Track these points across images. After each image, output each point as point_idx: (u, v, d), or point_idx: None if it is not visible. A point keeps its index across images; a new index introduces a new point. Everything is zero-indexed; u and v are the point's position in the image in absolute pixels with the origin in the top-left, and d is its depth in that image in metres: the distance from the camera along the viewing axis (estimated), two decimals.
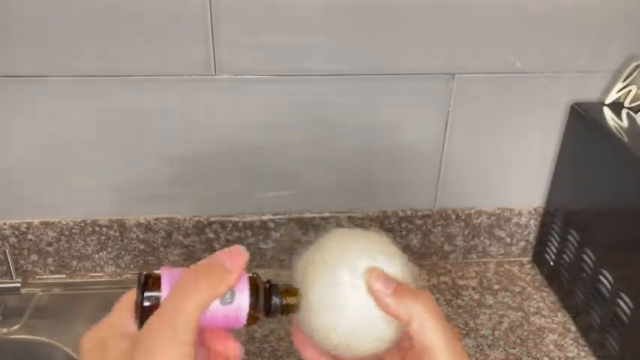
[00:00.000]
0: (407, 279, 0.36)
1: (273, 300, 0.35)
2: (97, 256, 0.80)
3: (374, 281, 0.33)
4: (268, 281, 0.36)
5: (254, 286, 0.34)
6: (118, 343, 0.31)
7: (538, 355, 0.70)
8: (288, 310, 0.35)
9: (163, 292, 0.32)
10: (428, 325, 0.32)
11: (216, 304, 0.32)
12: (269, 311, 0.35)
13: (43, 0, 0.64)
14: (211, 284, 0.31)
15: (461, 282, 0.82)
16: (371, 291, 0.33)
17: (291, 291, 0.35)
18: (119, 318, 0.33)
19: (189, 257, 0.81)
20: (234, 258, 0.33)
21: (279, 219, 0.80)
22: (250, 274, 0.34)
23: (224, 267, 0.32)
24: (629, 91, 0.72)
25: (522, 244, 0.86)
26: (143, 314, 0.31)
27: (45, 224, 0.77)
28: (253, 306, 0.33)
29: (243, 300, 0.33)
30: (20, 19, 0.64)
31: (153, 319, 0.30)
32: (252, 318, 0.34)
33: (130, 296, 0.34)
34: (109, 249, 0.79)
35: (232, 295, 0.33)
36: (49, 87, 0.69)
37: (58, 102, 0.70)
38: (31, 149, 0.72)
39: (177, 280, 0.32)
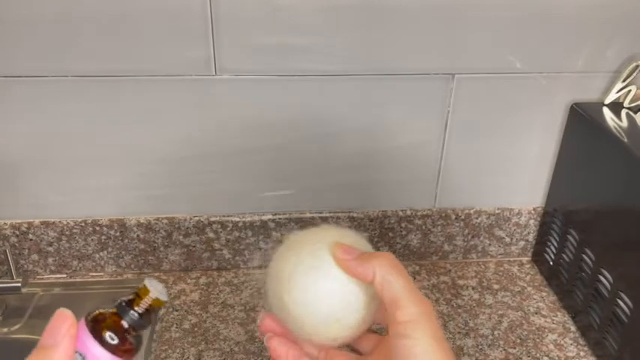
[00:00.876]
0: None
1: (128, 320, 0.32)
2: (97, 255, 0.80)
3: (336, 250, 0.35)
4: (117, 302, 0.33)
5: (98, 328, 0.32)
6: None
7: (538, 355, 0.71)
8: (150, 312, 0.34)
9: None
10: (390, 278, 0.34)
11: None
12: (137, 329, 0.33)
13: (43, 0, 0.64)
14: None
15: (460, 282, 0.82)
16: (335, 259, 0.35)
17: (140, 293, 0.34)
18: None
19: (190, 257, 0.81)
20: (55, 331, 0.31)
21: (279, 219, 0.80)
22: (93, 316, 0.32)
23: (45, 348, 0.30)
24: (629, 91, 0.72)
25: (522, 243, 0.86)
26: None
27: (45, 224, 0.77)
28: (112, 346, 0.31)
29: (98, 352, 0.31)
30: (20, 20, 0.64)
31: None
32: (125, 352, 0.32)
33: None
34: (110, 249, 0.80)
35: (83, 356, 0.31)
36: (49, 87, 0.69)
37: (58, 102, 0.70)
38: (32, 149, 0.73)
39: None
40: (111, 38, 0.66)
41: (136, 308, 0.33)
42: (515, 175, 0.81)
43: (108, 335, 0.31)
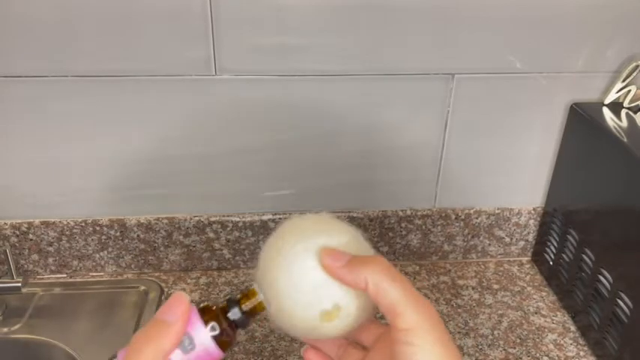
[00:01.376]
0: (360, 252, 0.36)
1: (233, 316, 0.34)
2: (97, 255, 0.80)
3: (324, 257, 0.34)
4: (227, 298, 0.35)
5: (209, 317, 0.33)
6: None
7: (537, 355, 0.71)
8: (253, 313, 0.35)
9: None
10: (384, 285, 0.32)
11: (179, 357, 0.32)
12: (238, 326, 0.34)
13: (43, 0, 0.64)
14: (154, 344, 0.31)
15: (460, 282, 0.82)
16: (324, 267, 0.34)
17: (248, 294, 0.35)
18: None
19: (190, 257, 0.81)
20: (173, 310, 0.32)
21: (279, 219, 0.80)
22: (202, 306, 0.34)
23: (165, 322, 0.32)
24: (629, 91, 0.72)
25: (522, 243, 0.86)
26: None
27: (45, 224, 0.77)
28: (218, 336, 0.33)
29: (203, 338, 0.33)
30: (20, 19, 0.64)
31: None
32: (225, 344, 0.33)
33: None
34: (110, 249, 0.80)
35: (191, 340, 0.32)
36: (49, 87, 0.69)
37: (58, 102, 0.70)
38: (32, 149, 0.73)
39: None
40: (111, 38, 0.66)
41: (242, 307, 0.35)
42: (515, 175, 0.81)
43: (211, 326, 0.33)
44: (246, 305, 0.35)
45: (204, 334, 0.33)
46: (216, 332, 0.33)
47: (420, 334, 0.31)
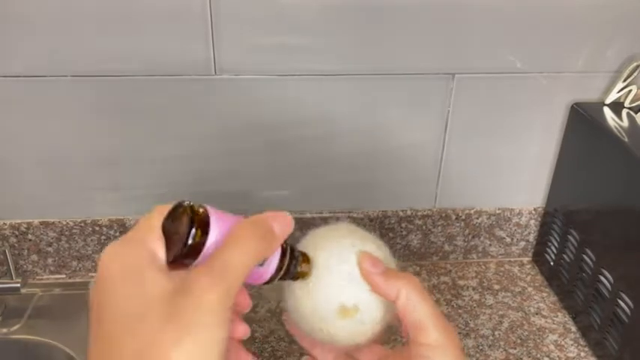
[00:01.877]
0: (389, 264, 0.37)
1: (292, 267, 0.35)
2: (97, 256, 0.80)
3: (363, 261, 0.35)
4: (287, 244, 0.36)
5: (284, 253, 0.35)
6: (156, 277, 0.28)
7: (538, 356, 0.70)
8: (298, 277, 0.36)
9: (211, 237, 0.30)
10: (415, 300, 0.33)
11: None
12: (284, 276, 0.35)
13: (43, 0, 0.64)
14: (261, 247, 0.31)
15: (461, 282, 0.82)
16: (361, 270, 0.35)
17: (305, 258, 0.36)
18: (150, 240, 0.29)
19: None
20: (282, 224, 0.32)
21: None
22: (287, 247, 0.35)
23: (273, 231, 0.32)
24: (630, 91, 0.72)
25: (522, 244, 0.86)
26: (182, 252, 0.29)
27: (45, 224, 0.77)
28: (277, 270, 0.34)
29: (272, 265, 0.34)
30: (20, 19, 0.64)
31: (203, 270, 0.28)
32: (271, 279, 0.35)
33: (158, 218, 0.30)
34: None
35: (265, 259, 0.33)
36: (49, 87, 0.69)
37: (58, 102, 0.70)
38: (31, 149, 0.72)
39: (227, 229, 0.30)
40: (111, 38, 0.66)
41: (301, 266, 0.36)
42: (515, 175, 0.81)
43: (283, 264, 0.35)
44: (301, 268, 0.36)
45: (274, 263, 0.34)
46: (280, 268, 0.34)
47: (440, 352, 0.33)
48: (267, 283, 0.35)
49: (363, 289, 0.35)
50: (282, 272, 0.35)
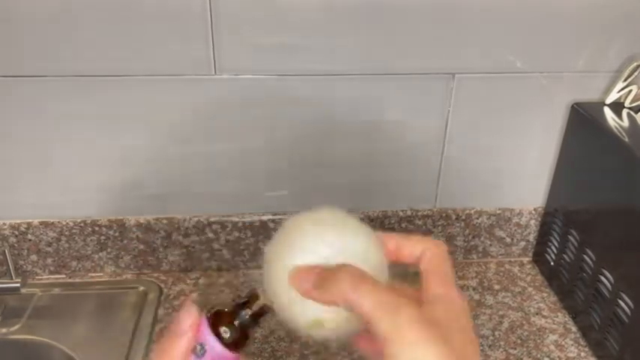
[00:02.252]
0: (363, 254, 0.35)
1: (240, 319, 0.35)
2: (96, 256, 0.80)
3: (292, 281, 0.33)
4: (235, 302, 0.36)
5: (216, 324, 0.35)
6: None
7: (538, 356, 0.70)
8: (260, 315, 0.36)
9: None
10: (353, 297, 0.30)
11: None
12: (248, 328, 0.35)
13: (43, 0, 0.64)
14: (167, 356, 0.33)
15: (461, 282, 0.82)
16: (297, 291, 0.33)
17: (252, 298, 0.36)
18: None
19: (189, 257, 0.81)
20: (182, 321, 0.34)
21: (279, 219, 0.80)
22: (213, 312, 0.35)
23: (175, 333, 0.34)
24: (630, 91, 0.72)
25: (522, 244, 0.86)
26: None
27: (45, 224, 0.77)
28: (228, 341, 0.34)
29: (214, 344, 0.34)
30: (21, 19, 0.64)
31: None
32: (236, 346, 0.35)
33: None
34: (109, 249, 0.79)
35: (202, 347, 0.34)
36: (49, 87, 0.68)
37: (58, 102, 0.70)
38: (31, 149, 0.72)
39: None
40: (111, 38, 0.66)
41: (248, 310, 0.36)
42: (515, 175, 0.81)
43: (223, 330, 0.35)
44: (252, 309, 0.36)
45: (213, 341, 0.34)
46: (227, 336, 0.35)
47: (397, 341, 0.28)
48: (240, 349, 0.35)
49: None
50: (236, 335, 0.35)
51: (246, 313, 0.35)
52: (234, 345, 0.35)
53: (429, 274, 0.34)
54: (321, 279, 0.32)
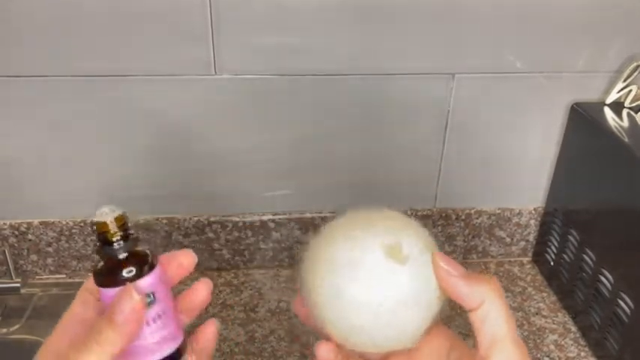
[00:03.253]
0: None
1: (118, 253, 0.33)
2: (96, 256, 0.80)
3: (439, 260, 0.31)
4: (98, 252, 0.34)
5: (113, 274, 0.33)
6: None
7: (538, 356, 0.70)
8: (124, 231, 0.34)
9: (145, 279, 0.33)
10: (496, 313, 0.30)
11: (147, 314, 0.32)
12: (130, 252, 0.33)
13: (43, 0, 0.64)
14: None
15: None
16: (436, 271, 0.31)
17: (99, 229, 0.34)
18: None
19: None
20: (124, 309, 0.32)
21: (279, 219, 0.80)
22: (97, 275, 0.34)
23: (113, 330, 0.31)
24: (630, 91, 0.72)
25: (522, 244, 0.86)
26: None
27: (45, 224, 0.77)
28: (133, 276, 0.33)
29: (112, 293, 0.32)
30: (21, 19, 0.64)
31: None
32: (139, 266, 0.33)
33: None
34: None
35: (149, 296, 0.33)
36: (49, 87, 0.68)
37: (58, 102, 0.70)
38: (31, 149, 0.72)
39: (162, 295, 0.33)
40: (111, 38, 0.66)
41: (113, 242, 0.34)
42: (515, 175, 0.81)
43: (125, 272, 0.33)
44: (114, 237, 0.33)
45: (113, 291, 0.32)
46: (132, 274, 0.33)
47: None
48: (142, 262, 0.33)
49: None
50: (134, 258, 0.33)
51: (115, 243, 0.33)
52: (138, 268, 0.33)
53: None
54: (471, 274, 0.31)
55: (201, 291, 0.37)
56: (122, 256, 0.33)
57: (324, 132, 0.75)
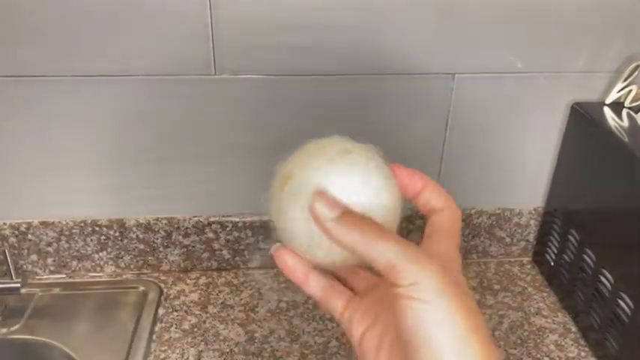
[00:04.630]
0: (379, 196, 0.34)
1: None
2: (96, 256, 0.80)
3: (316, 203, 0.32)
4: None
5: None
6: None
7: (538, 356, 0.70)
8: None
9: None
10: (369, 252, 0.30)
11: None
12: None
13: (43, 0, 0.64)
14: None
15: None
16: (312, 216, 0.32)
17: None
18: None
19: (189, 257, 0.81)
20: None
21: None
22: None
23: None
24: (630, 90, 0.72)
25: (522, 244, 0.86)
26: None
27: (45, 224, 0.77)
28: None
29: None
30: (20, 19, 0.64)
31: None
32: None
33: None
34: (109, 249, 0.79)
35: None
36: (49, 87, 0.68)
37: (58, 102, 0.70)
38: (31, 149, 0.72)
39: None
40: (111, 38, 0.66)
41: None
42: (515, 175, 0.81)
43: None
44: None
45: None
46: None
47: (428, 287, 0.28)
48: None
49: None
50: None
51: None
52: None
53: (442, 233, 0.34)
54: (346, 214, 0.31)
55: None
56: None
57: (324, 132, 0.75)
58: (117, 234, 0.78)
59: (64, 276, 0.81)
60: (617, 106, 0.73)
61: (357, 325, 0.35)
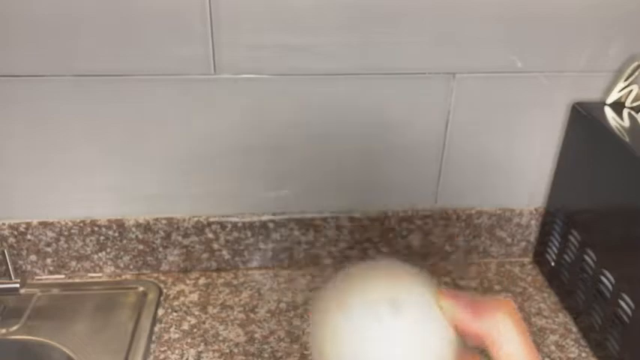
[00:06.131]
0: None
1: None
2: (95, 256, 0.80)
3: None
4: None
5: None
6: None
7: (539, 356, 0.70)
8: None
9: None
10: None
11: None
12: None
13: (43, 0, 0.63)
14: None
15: (462, 283, 0.82)
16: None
17: None
18: None
19: (188, 258, 0.81)
20: None
21: (279, 219, 0.80)
22: None
23: None
24: (631, 90, 0.72)
25: (523, 244, 0.86)
26: None
27: (44, 224, 0.76)
28: None
29: None
30: (20, 19, 0.64)
31: None
32: None
33: None
34: (108, 249, 0.79)
35: None
36: (49, 87, 0.68)
37: (58, 102, 0.69)
38: (31, 149, 0.72)
39: None
40: (110, 38, 0.66)
41: None
42: (516, 175, 0.81)
43: None
44: None
45: None
46: None
47: None
48: None
49: None
50: None
51: None
52: None
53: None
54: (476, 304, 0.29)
55: None
56: None
57: (323, 131, 0.75)
58: (116, 234, 0.78)
59: (64, 276, 0.80)
60: (618, 106, 0.73)
61: None
